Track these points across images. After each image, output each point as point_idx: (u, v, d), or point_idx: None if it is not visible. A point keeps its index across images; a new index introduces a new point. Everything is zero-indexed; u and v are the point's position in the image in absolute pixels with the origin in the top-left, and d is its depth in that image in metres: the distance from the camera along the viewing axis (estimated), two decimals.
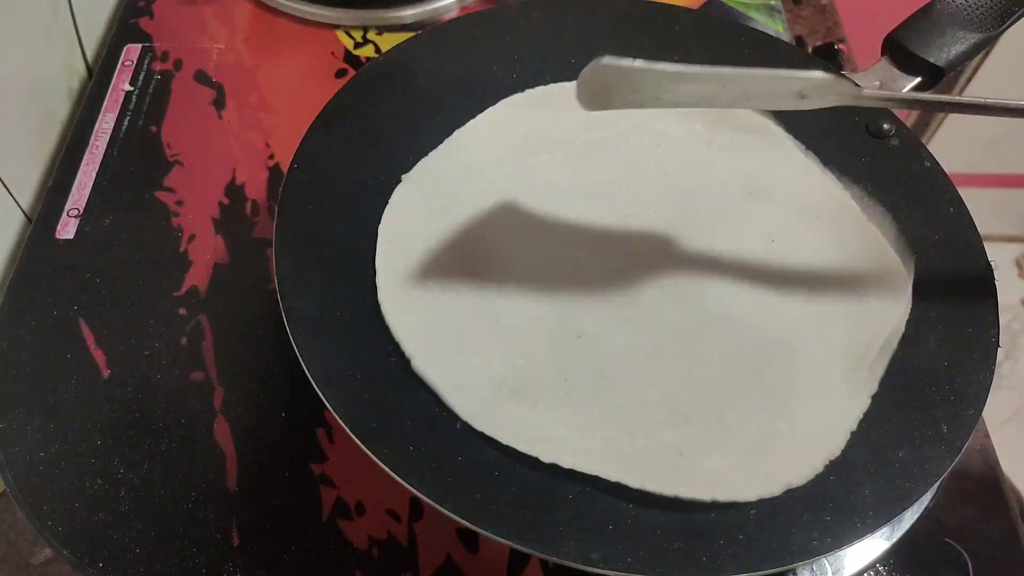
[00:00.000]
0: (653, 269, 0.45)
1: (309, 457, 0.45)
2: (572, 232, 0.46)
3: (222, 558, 0.42)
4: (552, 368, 0.41)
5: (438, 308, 0.43)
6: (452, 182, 0.48)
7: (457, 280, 0.44)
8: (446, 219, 0.46)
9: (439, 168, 0.48)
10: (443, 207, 0.47)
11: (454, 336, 0.42)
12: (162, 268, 0.51)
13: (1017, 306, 1.42)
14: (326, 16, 0.65)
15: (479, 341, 0.42)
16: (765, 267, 0.45)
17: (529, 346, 0.42)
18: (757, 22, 0.65)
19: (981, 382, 0.40)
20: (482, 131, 0.50)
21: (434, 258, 0.45)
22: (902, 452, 0.38)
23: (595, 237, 0.46)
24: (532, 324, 0.42)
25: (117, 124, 0.58)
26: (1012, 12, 0.50)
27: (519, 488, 0.36)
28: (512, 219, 0.46)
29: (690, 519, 0.36)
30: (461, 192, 0.47)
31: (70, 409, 0.46)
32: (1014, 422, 1.26)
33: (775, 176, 0.49)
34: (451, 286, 0.44)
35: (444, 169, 0.48)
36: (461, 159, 0.49)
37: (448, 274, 0.44)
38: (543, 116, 0.51)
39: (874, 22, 0.57)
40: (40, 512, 0.42)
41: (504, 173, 0.48)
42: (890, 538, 0.42)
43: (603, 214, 0.47)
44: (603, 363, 0.41)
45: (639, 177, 0.49)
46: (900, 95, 0.43)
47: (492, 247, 0.45)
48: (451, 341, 0.42)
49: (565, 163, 0.49)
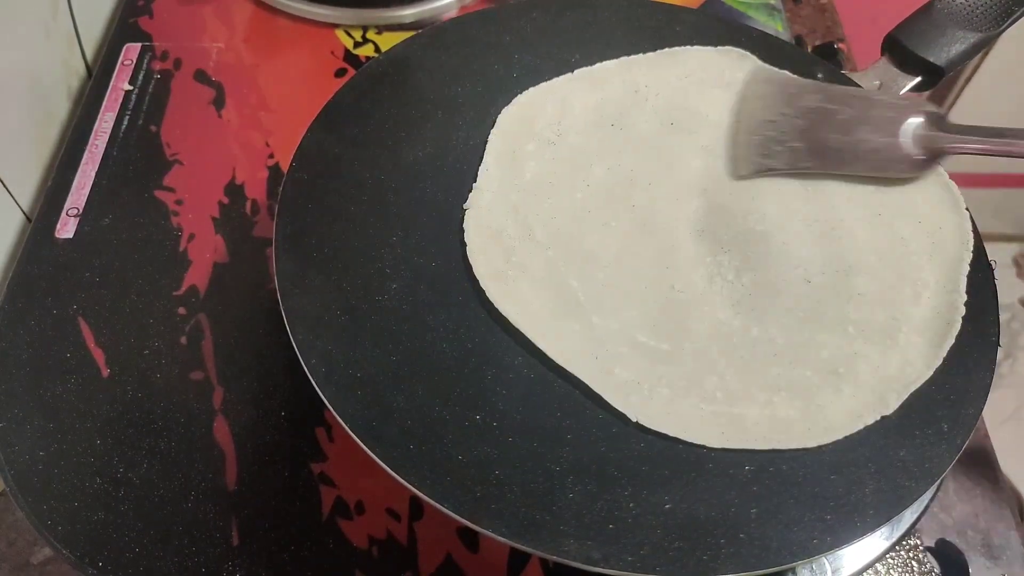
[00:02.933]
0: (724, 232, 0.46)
1: (309, 456, 0.45)
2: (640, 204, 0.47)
3: (222, 557, 0.42)
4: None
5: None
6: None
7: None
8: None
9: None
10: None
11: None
12: (162, 267, 0.51)
13: (1016, 305, 1.42)
14: (326, 15, 0.65)
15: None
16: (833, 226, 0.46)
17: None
18: (757, 21, 0.65)
19: (981, 381, 0.40)
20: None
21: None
22: (902, 451, 0.38)
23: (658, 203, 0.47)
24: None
25: (117, 123, 0.58)
26: (1012, 12, 0.50)
27: (519, 488, 0.36)
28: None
29: (691, 518, 0.36)
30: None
31: (70, 408, 0.46)
32: (1014, 421, 1.26)
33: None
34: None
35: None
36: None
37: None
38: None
39: (874, 21, 0.57)
40: (40, 511, 0.42)
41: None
42: (890, 537, 0.42)
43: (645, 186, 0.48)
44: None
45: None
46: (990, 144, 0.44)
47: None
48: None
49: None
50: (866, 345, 0.41)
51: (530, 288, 0.43)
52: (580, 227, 0.45)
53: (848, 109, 0.46)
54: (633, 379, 0.40)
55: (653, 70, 0.52)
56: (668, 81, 0.51)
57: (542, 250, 0.44)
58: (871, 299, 0.43)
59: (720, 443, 0.38)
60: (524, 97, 0.50)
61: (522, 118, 0.49)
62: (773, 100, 0.48)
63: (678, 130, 0.49)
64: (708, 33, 0.53)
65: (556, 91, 0.51)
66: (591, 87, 0.51)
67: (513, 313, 0.42)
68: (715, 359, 0.41)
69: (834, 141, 0.46)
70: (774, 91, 0.49)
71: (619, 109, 0.50)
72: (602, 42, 0.53)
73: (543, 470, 0.37)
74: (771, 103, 0.48)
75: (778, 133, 0.47)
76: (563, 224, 0.46)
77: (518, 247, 0.44)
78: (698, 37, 0.53)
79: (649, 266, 0.44)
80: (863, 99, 0.47)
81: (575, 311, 0.42)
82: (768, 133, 0.47)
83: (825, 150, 0.46)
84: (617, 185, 0.47)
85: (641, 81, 0.51)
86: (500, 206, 0.46)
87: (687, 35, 0.53)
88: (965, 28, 0.50)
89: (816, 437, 0.38)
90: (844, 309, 0.42)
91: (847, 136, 0.46)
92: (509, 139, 0.49)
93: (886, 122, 0.45)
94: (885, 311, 0.42)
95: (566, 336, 0.41)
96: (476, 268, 0.43)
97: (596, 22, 0.54)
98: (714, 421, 0.39)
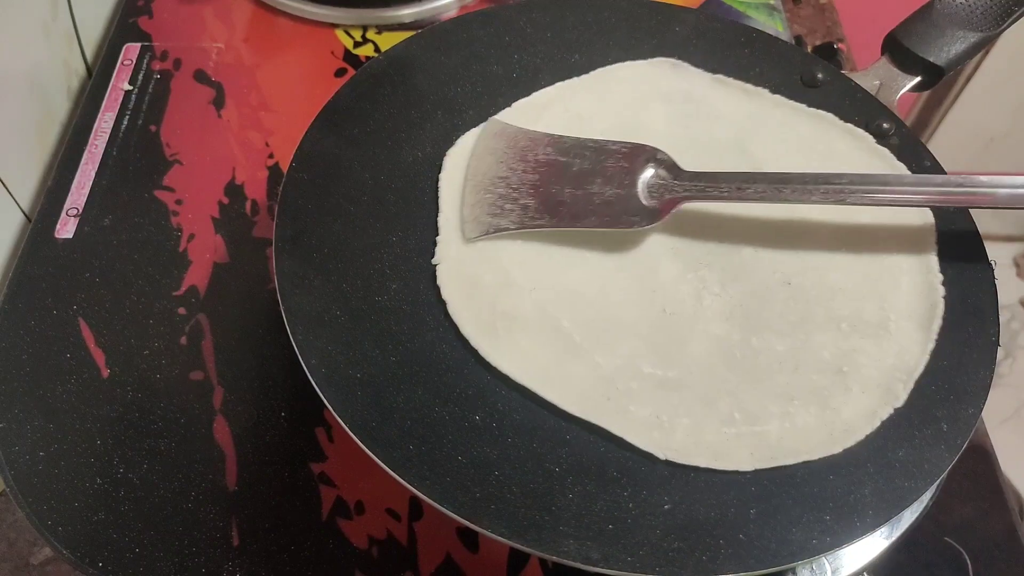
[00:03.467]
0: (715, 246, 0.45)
1: (309, 456, 0.45)
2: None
3: (222, 558, 0.42)
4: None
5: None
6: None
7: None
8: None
9: None
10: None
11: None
12: (161, 268, 0.51)
13: (1016, 305, 1.42)
14: (325, 15, 0.65)
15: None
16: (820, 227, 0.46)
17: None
18: (757, 21, 0.65)
19: (981, 381, 0.40)
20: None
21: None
22: (902, 451, 0.38)
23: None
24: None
25: (116, 123, 0.58)
26: (1012, 12, 0.50)
27: (519, 488, 0.36)
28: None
29: (690, 518, 0.36)
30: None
31: (70, 409, 0.46)
32: (1013, 421, 1.26)
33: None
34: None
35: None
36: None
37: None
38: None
39: (873, 21, 0.58)
40: (40, 512, 0.42)
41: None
42: (889, 537, 0.42)
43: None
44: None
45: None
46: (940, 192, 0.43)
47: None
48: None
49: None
50: (861, 339, 0.41)
51: (525, 336, 0.41)
52: (557, 264, 0.44)
53: (580, 161, 0.45)
54: (651, 414, 0.39)
55: (591, 92, 0.51)
56: (608, 102, 0.51)
57: (526, 293, 0.43)
58: (853, 292, 0.43)
59: (751, 465, 0.38)
60: (467, 137, 0.49)
61: (468, 158, 0.48)
62: (504, 155, 0.47)
63: None
64: (708, 33, 0.53)
65: None
66: (534, 118, 0.49)
67: (514, 370, 0.40)
68: (724, 377, 0.41)
69: (567, 195, 0.44)
70: (505, 145, 0.47)
71: None
72: (602, 42, 0.53)
73: (543, 470, 0.37)
74: (502, 158, 0.46)
75: (509, 190, 0.45)
76: (539, 263, 0.44)
77: (500, 294, 0.43)
78: (698, 37, 0.53)
79: (636, 293, 0.43)
80: (597, 149, 0.46)
81: (575, 353, 0.41)
82: (499, 190, 0.45)
83: (557, 205, 0.44)
84: None
85: (582, 105, 0.50)
86: (470, 254, 0.44)
87: (687, 35, 0.53)
88: (965, 28, 0.50)
89: (840, 442, 0.38)
90: (831, 306, 0.43)
91: (579, 190, 0.44)
92: (460, 181, 0.47)
93: (620, 173, 0.45)
94: (870, 302, 0.43)
95: (572, 381, 0.40)
96: (462, 327, 0.41)
97: (596, 22, 0.54)
98: (740, 443, 0.38)
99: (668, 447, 0.38)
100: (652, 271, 0.44)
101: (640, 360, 0.41)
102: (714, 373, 0.41)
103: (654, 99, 0.51)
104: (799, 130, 0.50)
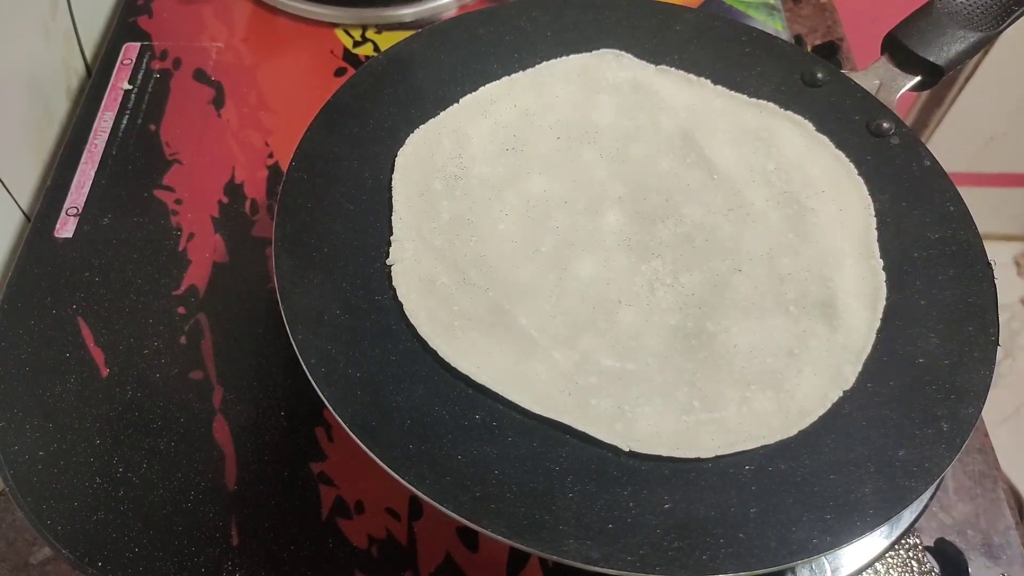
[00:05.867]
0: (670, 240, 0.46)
1: (308, 456, 0.45)
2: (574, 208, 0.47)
3: (222, 557, 0.42)
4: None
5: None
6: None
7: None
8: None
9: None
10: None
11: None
12: (161, 267, 0.51)
13: (1016, 305, 1.42)
14: (325, 14, 0.65)
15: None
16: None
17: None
18: (757, 21, 0.65)
19: (981, 380, 0.40)
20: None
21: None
22: (902, 451, 0.38)
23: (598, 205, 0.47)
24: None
25: (116, 123, 0.58)
26: (1012, 11, 0.50)
27: (519, 488, 0.36)
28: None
29: (690, 517, 0.36)
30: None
31: (69, 408, 0.46)
32: (1013, 421, 1.26)
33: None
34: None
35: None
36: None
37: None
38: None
39: (873, 21, 0.58)
40: (39, 511, 0.42)
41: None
42: (889, 536, 0.42)
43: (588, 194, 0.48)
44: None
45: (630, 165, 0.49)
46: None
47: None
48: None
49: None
50: (811, 321, 0.42)
51: (481, 336, 0.41)
52: (511, 260, 0.44)
53: None
54: (612, 406, 0.40)
55: (536, 87, 0.51)
56: (554, 95, 0.51)
57: (481, 292, 0.43)
58: (800, 276, 0.44)
59: (712, 452, 0.38)
60: (416, 135, 0.48)
61: (419, 157, 0.48)
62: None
63: (576, 143, 0.49)
64: (708, 33, 0.53)
65: (447, 123, 0.49)
66: (481, 114, 0.50)
67: (473, 370, 0.40)
68: (681, 366, 0.41)
69: None
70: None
71: (515, 132, 0.49)
72: (602, 42, 0.53)
73: (543, 469, 0.37)
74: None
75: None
76: (494, 261, 0.44)
77: (456, 294, 0.43)
78: (698, 37, 0.53)
79: (590, 286, 0.44)
80: None
81: (534, 350, 0.41)
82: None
83: None
84: (533, 210, 0.47)
85: (530, 100, 0.51)
86: (426, 254, 0.44)
87: (687, 35, 0.53)
88: (965, 28, 0.50)
89: (795, 424, 0.39)
90: (780, 290, 0.43)
91: None
92: (412, 181, 0.47)
93: None
94: (816, 285, 0.44)
95: (532, 379, 0.40)
96: (420, 328, 0.41)
97: (596, 22, 0.54)
98: (700, 430, 0.39)
99: (631, 438, 0.38)
100: (606, 263, 0.45)
101: (598, 354, 0.41)
102: (671, 363, 0.41)
103: (601, 91, 0.51)
104: (743, 118, 0.50)
